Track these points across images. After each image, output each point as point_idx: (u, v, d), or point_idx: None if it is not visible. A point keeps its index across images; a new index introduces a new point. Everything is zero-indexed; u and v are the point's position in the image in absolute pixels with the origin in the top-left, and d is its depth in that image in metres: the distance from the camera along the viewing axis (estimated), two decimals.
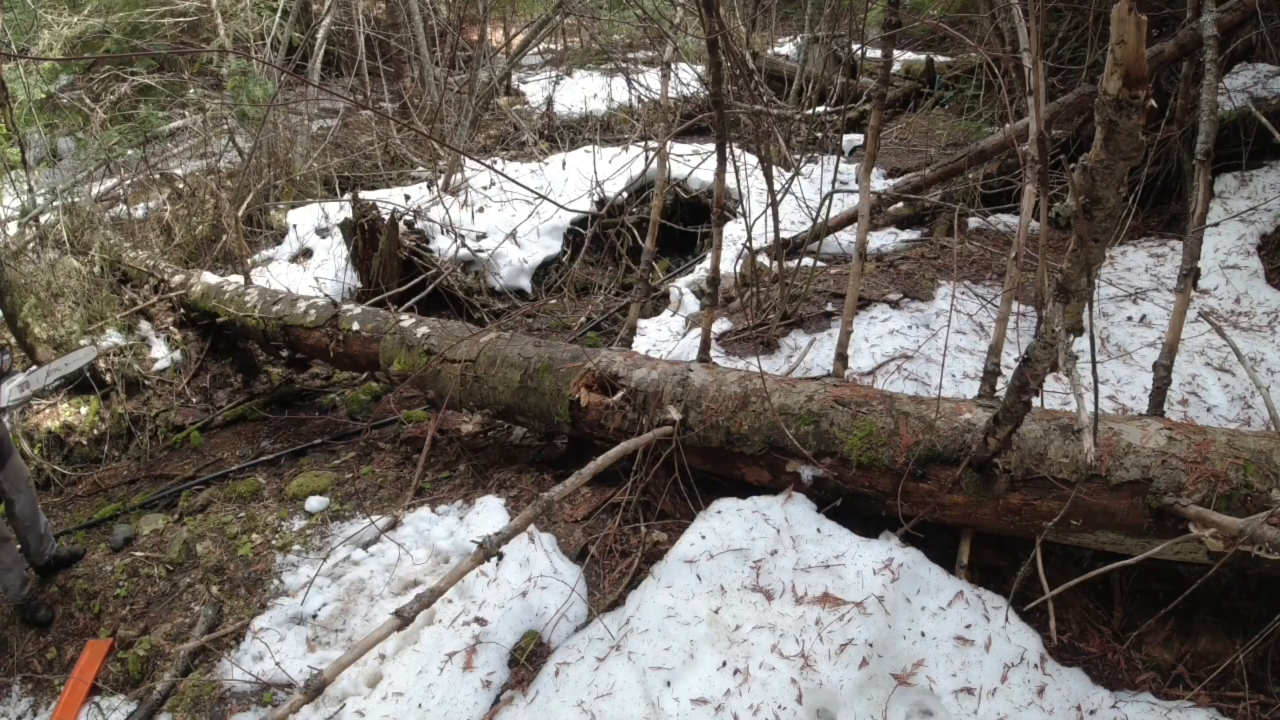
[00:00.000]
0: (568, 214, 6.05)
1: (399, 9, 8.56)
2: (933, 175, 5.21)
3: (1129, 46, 1.38)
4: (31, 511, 3.34)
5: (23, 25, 7.31)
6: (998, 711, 2.15)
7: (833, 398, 2.77)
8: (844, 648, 2.26)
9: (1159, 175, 4.88)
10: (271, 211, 6.95)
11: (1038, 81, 2.55)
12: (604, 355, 3.35)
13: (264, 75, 6.65)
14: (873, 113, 3.28)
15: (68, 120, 7.52)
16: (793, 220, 5.43)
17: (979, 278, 4.52)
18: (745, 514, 2.74)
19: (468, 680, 2.50)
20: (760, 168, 4.28)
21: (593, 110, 9.12)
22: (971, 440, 2.47)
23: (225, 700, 2.75)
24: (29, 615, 3.28)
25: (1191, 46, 4.23)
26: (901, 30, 4.66)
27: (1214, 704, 2.22)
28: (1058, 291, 1.79)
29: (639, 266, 4.36)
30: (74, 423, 4.51)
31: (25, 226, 5.55)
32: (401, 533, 3.29)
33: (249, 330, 4.62)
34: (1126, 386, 3.48)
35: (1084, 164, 1.56)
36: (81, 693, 2.88)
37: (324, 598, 3.06)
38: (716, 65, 3.09)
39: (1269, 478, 2.15)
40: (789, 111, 6.26)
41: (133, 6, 7.65)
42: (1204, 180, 3.00)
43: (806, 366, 3.67)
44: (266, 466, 4.17)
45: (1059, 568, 2.56)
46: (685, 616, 2.45)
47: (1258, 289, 4.09)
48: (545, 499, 2.51)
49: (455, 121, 7.26)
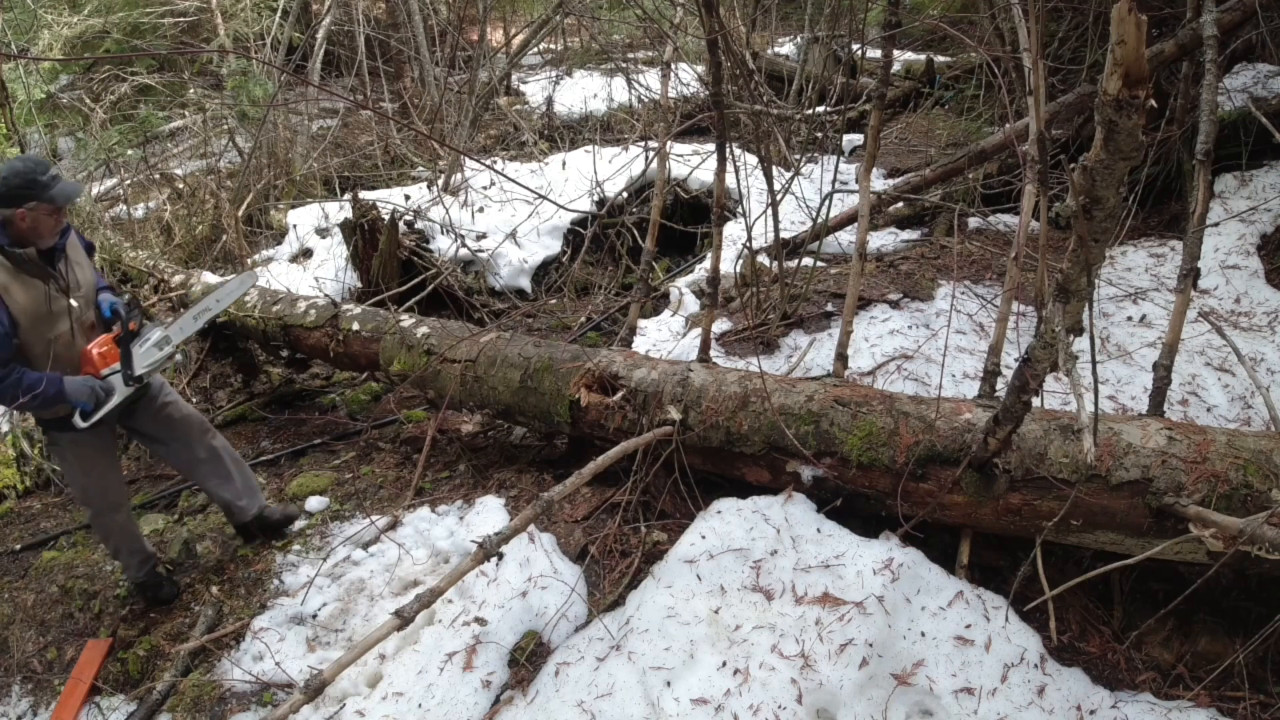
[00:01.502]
0: (568, 214, 6.05)
1: (399, 9, 8.56)
2: (933, 175, 5.21)
3: (1129, 46, 1.37)
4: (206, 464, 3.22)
5: (23, 25, 7.32)
6: (998, 711, 2.15)
7: (833, 398, 2.77)
8: (844, 648, 2.26)
9: (1159, 175, 4.88)
10: (271, 211, 6.95)
11: (1038, 81, 2.55)
12: (604, 355, 3.34)
13: (264, 75, 6.66)
14: (873, 113, 3.27)
15: (68, 120, 7.53)
16: (793, 220, 5.43)
17: (979, 278, 4.52)
18: (745, 514, 2.74)
19: (468, 680, 2.50)
20: (760, 168, 4.28)
21: (593, 110, 9.12)
22: (971, 440, 2.47)
23: (225, 700, 2.75)
24: (150, 594, 3.22)
25: (1191, 46, 4.23)
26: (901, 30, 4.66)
27: (1214, 704, 2.22)
28: (1058, 291, 1.79)
29: (639, 266, 4.36)
30: None
31: None
32: (401, 533, 3.29)
33: (249, 330, 4.62)
34: (1126, 386, 3.48)
35: (1084, 164, 1.56)
36: (81, 693, 2.88)
37: (324, 598, 3.06)
38: (716, 65, 3.09)
39: (1269, 478, 2.15)
40: (789, 111, 6.26)
41: (133, 6, 7.65)
42: (1204, 180, 3.00)
43: (806, 366, 3.67)
44: (266, 466, 4.16)
45: (1059, 568, 2.56)
46: (685, 616, 2.45)
47: (1258, 289, 4.09)
48: (545, 499, 2.51)
49: (455, 121, 7.26)
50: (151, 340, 2.99)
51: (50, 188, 2.65)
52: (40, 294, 2.72)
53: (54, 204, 2.66)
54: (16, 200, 2.61)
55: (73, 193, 2.75)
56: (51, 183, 2.66)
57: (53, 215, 2.70)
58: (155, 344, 3.00)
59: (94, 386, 2.81)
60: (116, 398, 2.88)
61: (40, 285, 2.73)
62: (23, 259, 2.67)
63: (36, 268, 2.71)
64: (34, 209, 2.63)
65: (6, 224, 2.65)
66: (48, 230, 2.70)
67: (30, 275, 2.70)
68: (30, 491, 4.32)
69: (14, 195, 2.61)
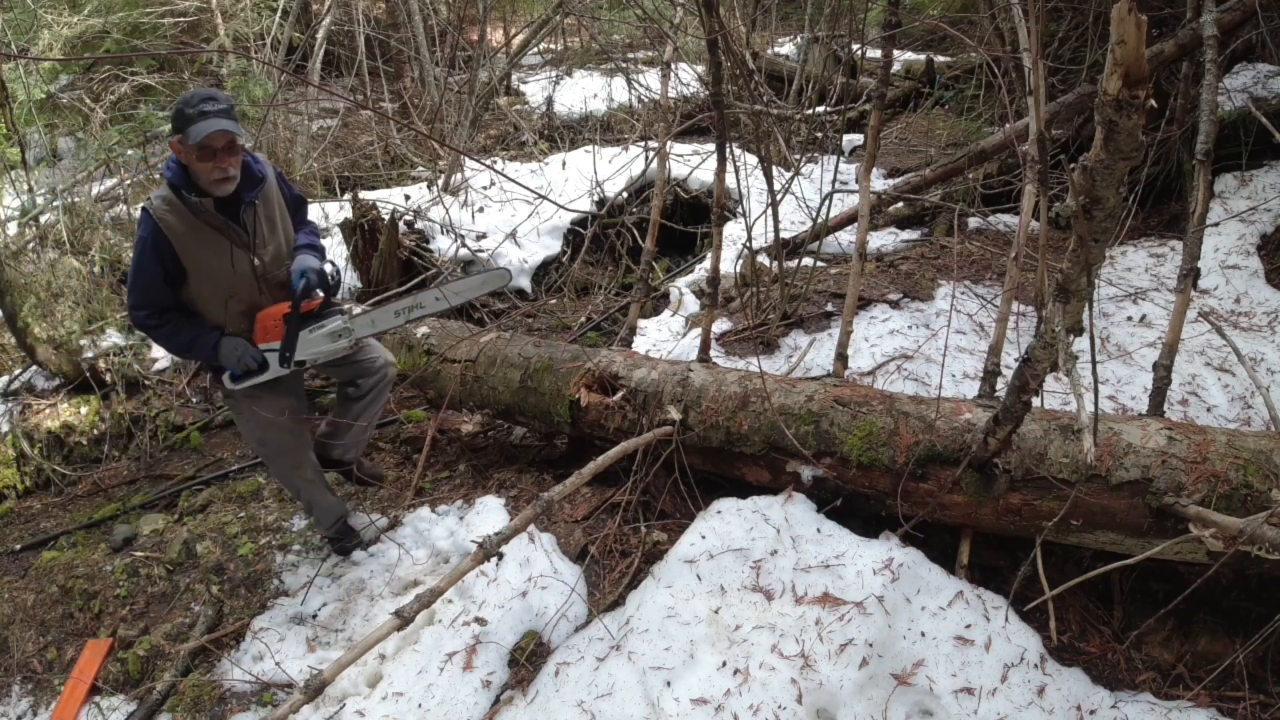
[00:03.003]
0: (568, 214, 6.04)
1: (399, 9, 8.55)
2: (933, 175, 5.21)
3: (1129, 46, 1.37)
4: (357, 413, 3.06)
5: (23, 25, 7.31)
6: (998, 711, 2.15)
7: (833, 398, 2.77)
8: (844, 648, 2.26)
9: (1159, 175, 4.88)
10: None
11: (1038, 81, 2.55)
12: (604, 355, 3.34)
13: (264, 75, 6.65)
14: (873, 113, 3.27)
15: (68, 120, 7.52)
16: (793, 220, 5.43)
17: (979, 278, 4.52)
18: (745, 514, 2.74)
19: (468, 680, 2.50)
20: (760, 168, 4.28)
21: (593, 110, 9.11)
22: (971, 440, 2.47)
23: (225, 700, 2.75)
24: (338, 548, 3.21)
25: (1191, 46, 4.23)
26: (901, 30, 4.66)
27: (1214, 704, 2.22)
28: (1058, 291, 1.79)
29: (639, 266, 4.36)
30: (74, 423, 4.51)
31: (25, 226, 5.55)
32: (401, 533, 3.29)
33: None
34: (1126, 386, 3.48)
35: (1084, 164, 1.56)
36: (81, 693, 2.88)
37: (324, 598, 3.06)
38: (716, 65, 3.09)
39: (1269, 478, 2.15)
40: (789, 111, 6.26)
41: (133, 6, 7.65)
42: (1204, 180, 3.00)
43: (806, 366, 3.67)
44: (266, 466, 4.16)
45: (1059, 568, 2.56)
46: (685, 616, 2.45)
47: (1258, 289, 4.09)
48: (545, 499, 2.51)
49: (455, 121, 7.25)
50: (326, 328, 2.72)
51: (191, 122, 2.34)
52: (220, 248, 2.56)
53: (188, 142, 2.37)
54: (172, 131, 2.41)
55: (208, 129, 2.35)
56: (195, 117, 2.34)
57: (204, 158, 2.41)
58: (329, 333, 2.72)
59: (247, 356, 2.66)
60: (268, 374, 2.71)
61: (220, 239, 2.56)
62: (199, 208, 2.49)
63: (215, 218, 2.53)
64: (181, 144, 2.40)
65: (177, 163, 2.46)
66: (204, 173, 2.44)
67: (210, 226, 2.53)
68: (30, 491, 4.32)
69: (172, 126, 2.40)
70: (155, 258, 2.51)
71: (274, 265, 2.73)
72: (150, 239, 2.49)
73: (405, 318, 2.90)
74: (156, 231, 2.49)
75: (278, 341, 2.71)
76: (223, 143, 2.44)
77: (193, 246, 2.53)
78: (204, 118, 2.37)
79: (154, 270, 2.52)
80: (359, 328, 2.81)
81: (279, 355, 2.72)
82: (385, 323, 2.88)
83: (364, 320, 2.83)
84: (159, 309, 2.57)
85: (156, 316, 2.57)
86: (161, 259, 2.51)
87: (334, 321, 2.77)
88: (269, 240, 2.70)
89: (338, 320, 2.78)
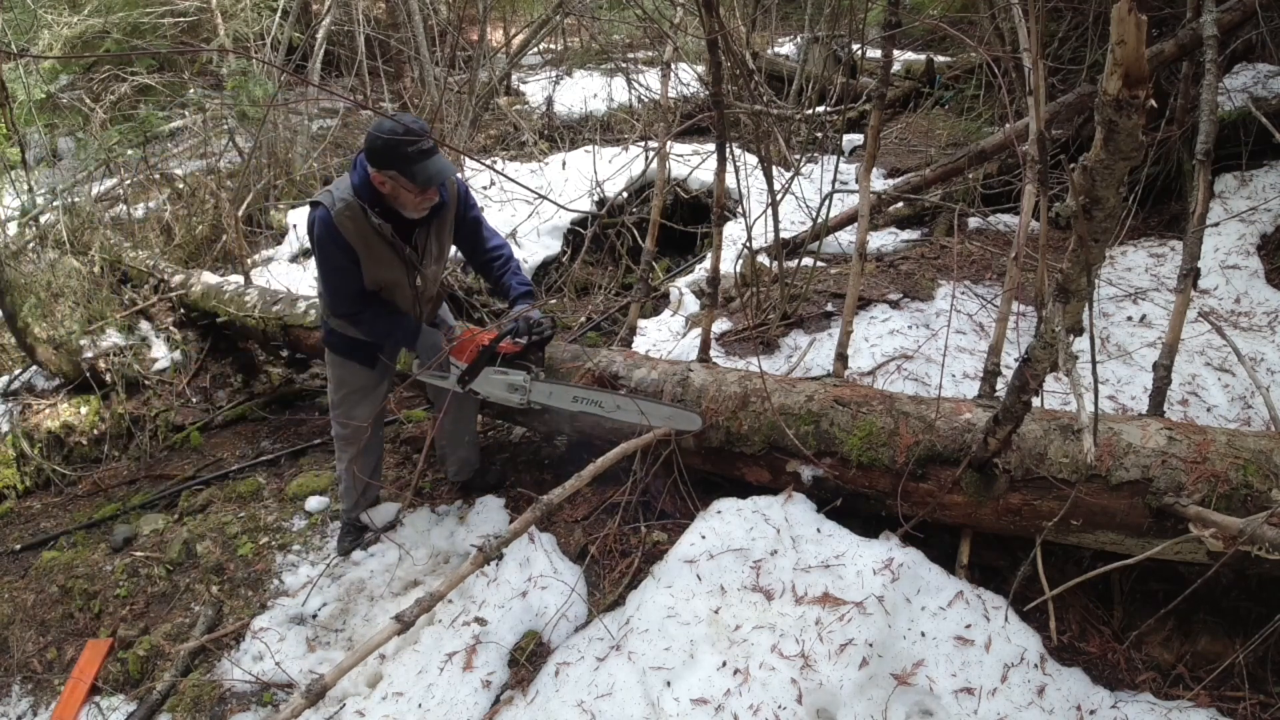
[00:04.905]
0: (568, 214, 6.04)
1: (399, 9, 8.55)
2: (933, 175, 5.20)
3: (1129, 46, 1.37)
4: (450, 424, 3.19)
5: (23, 25, 7.30)
6: (998, 711, 2.15)
7: (833, 398, 2.77)
8: (844, 648, 2.26)
9: (1159, 175, 4.88)
10: (271, 211, 6.95)
11: (1038, 81, 2.55)
12: (604, 355, 3.34)
13: (264, 75, 6.64)
14: (873, 113, 3.27)
15: (68, 120, 7.51)
16: (793, 220, 5.43)
17: (979, 278, 4.52)
18: (745, 514, 2.74)
19: (468, 680, 2.50)
20: (760, 168, 4.28)
21: (593, 110, 9.11)
22: (971, 440, 2.47)
23: (225, 700, 2.75)
24: (344, 534, 3.28)
25: (1191, 46, 4.23)
26: (901, 30, 4.66)
27: (1214, 704, 2.22)
28: (1058, 291, 1.79)
29: (639, 266, 4.36)
30: (74, 423, 4.51)
31: (25, 226, 5.55)
32: (401, 533, 3.29)
33: (249, 330, 4.62)
34: (1126, 386, 3.48)
35: (1084, 164, 1.56)
36: (81, 693, 2.88)
37: (324, 598, 3.06)
38: (716, 65, 3.09)
39: (1269, 478, 2.15)
40: (789, 111, 6.26)
41: (133, 6, 7.64)
42: (1204, 180, 3.00)
43: (806, 366, 3.67)
44: (266, 466, 4.17)
45: (1059, 568, 2.56)
46: (685, 616, 2.45)
47: (1258, 289, 4.09)
48: (545, 501, 2.51)
49: (455, 121, 7.25)
50: (510, 378, 2.83)
51: (413, 162, 2.42)
52: (391, 264, 2.66)
53: (413, 182, 2.45)
54: (380, 162, 2.45)
55: (437, 175, 2.48)
56: (417, 157, 2.41)
57: (416, 193, 2.51)
58: (509, 383, 2.83)
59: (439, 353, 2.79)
60: (440, 382, 2.87)
61: (392, 256, 2.65)
62: (380, 229, 2.57)
63: (391, 238, 2.61)
64: (394, 179, 2.46)
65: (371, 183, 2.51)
66: (410, 204, 2.55)
67: (384, 242, 2.61)
68: (30, 491, 4.32)
69: (379, 156, 2.44)
70: (342, 253, 2.60)
71: (431, 283, 2.88)
72: (331, 237, 2.58)
73: (579, 408, 2.93)
74: (336, 232, 2.57)
75: (465, 364, 2.83)
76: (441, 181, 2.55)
77: (369, 261, 2.64)
78: (425, 157, 2.44)
79: (345, 265, 2.61)
80: (536, 393, 2.88)
81: (459, 375, 2.84)
82: (560, 402, 2.92)
83: (543, 389, 2.90)
84: (359, 297, 2.68)
85: (359, 304, 2.68)
86: (347, 254, 2.60)
87: (519, 376, 2.85)
88: (434, 261, 2.83)
89: (522, 376, 2.86)
